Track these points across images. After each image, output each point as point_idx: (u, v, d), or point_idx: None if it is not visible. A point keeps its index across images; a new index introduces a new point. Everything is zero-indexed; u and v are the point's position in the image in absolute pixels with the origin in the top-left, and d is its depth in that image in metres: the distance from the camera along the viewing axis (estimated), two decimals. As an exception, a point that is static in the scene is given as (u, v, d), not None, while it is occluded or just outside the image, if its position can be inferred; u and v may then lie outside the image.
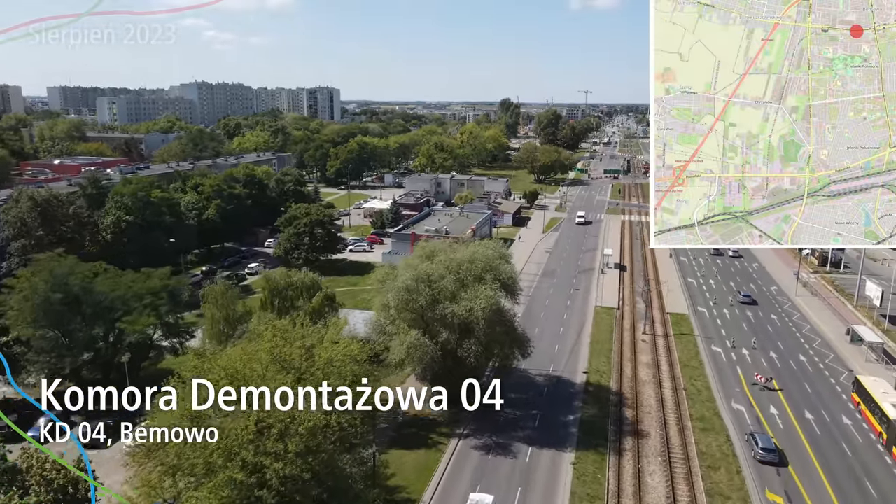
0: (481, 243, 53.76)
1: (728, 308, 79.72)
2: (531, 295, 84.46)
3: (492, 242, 54.41)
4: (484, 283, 48.14)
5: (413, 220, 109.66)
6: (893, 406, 47.51)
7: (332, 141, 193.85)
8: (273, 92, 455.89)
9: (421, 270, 48.48)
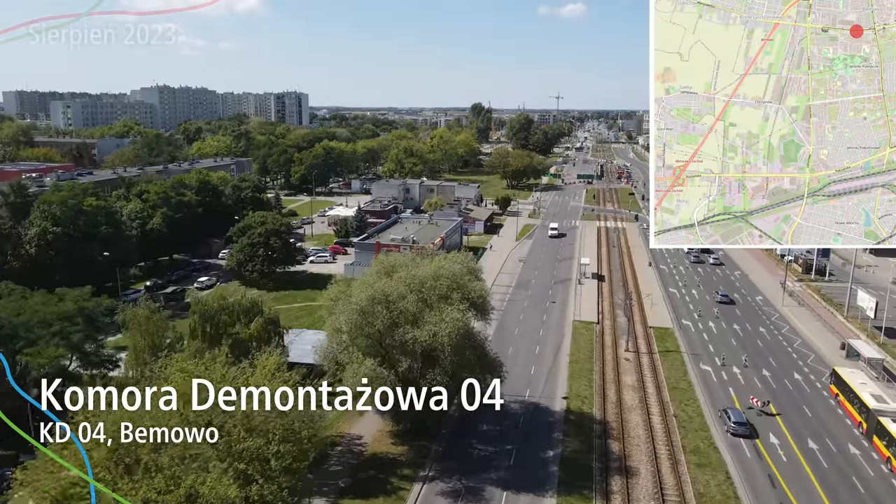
0: (448, 257, 47.57)
1: (714, 321, 74.72)
2: (504, 309, 78.58)
3: (460, 255, 48.24)
4: (450, 304, 41.92)
5: (378, 229, 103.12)
6: (872, 396, 48.86)
7: (297, 146, 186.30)
8: (240, 97, 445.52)
9: (378, 289, 42.06)
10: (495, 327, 71.77)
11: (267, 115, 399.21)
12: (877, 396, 49.38)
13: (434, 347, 40.60)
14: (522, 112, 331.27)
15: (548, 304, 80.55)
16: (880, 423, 45.87)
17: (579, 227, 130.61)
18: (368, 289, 42.22)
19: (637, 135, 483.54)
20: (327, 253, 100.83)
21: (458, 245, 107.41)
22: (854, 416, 50.22)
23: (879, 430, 46.11)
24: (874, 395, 49.55)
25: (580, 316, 75.43)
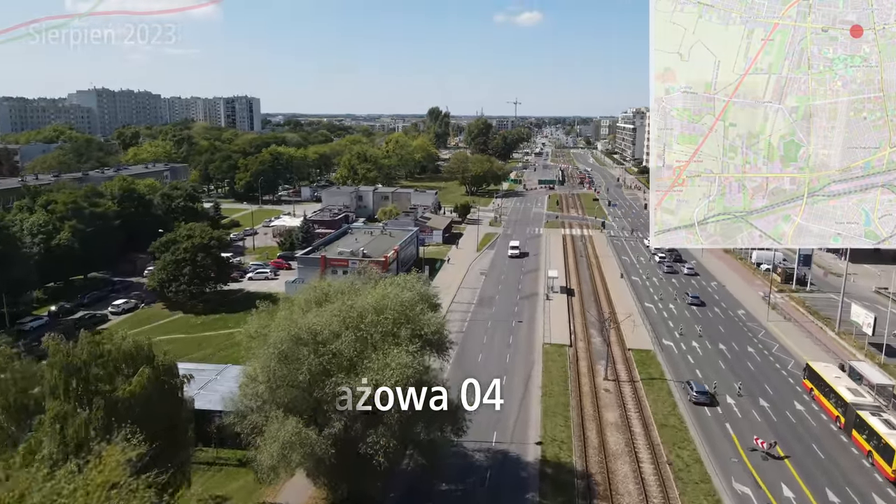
0: (395, 282, 38.48)
1: (697, 340, 67.44)
2: (466, 331, 69.90)
3: (410, 279, 39.20)
4: (398, 343, 32.81)
5: (325, 241, 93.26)
6: (848, 389, 48.76)
7: (242, 151, 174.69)
8: (188, 101, 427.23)
9: (303, 326, 32.72)
10: (456, 353, 62.94)
11: (216, 121, 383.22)
12: (853, 390, 49.16)
13: (377, 402, 31.37)
14: (481, 117, 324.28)
15: (514, 323, 72.14)
16: (859, 418, 45.54)
17: (543, 236, 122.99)
18: (292, 325, 32.80)
19: (595, 140, 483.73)
20: (268, 268, 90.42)
21: (413, 257, 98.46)
22: (831, 410, 50.16)
23: (859, 425, 45.70)
24: (850, 388, 49.29)
25: (551, 337, 67.18)
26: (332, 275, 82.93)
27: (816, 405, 52.26)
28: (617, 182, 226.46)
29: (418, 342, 33.73)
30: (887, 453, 42.17)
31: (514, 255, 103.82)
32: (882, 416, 45.01)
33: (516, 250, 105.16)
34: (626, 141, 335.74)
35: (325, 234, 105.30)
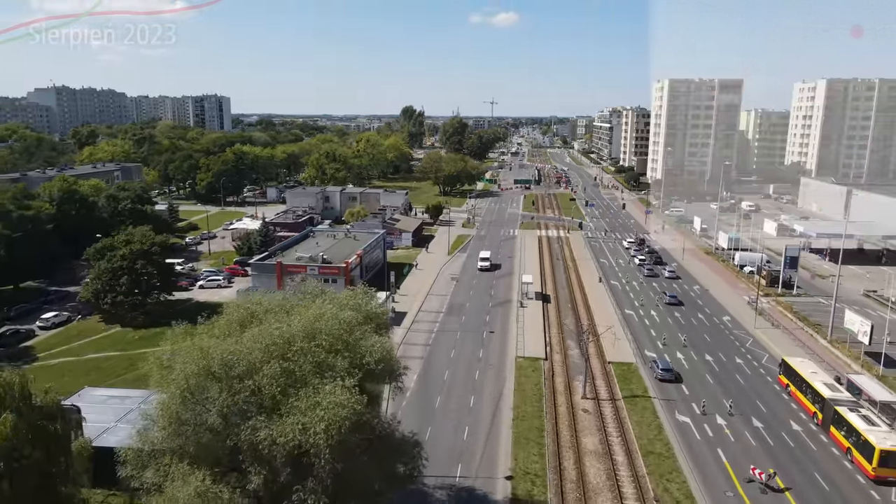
0: (335, 298, 32.62)
1: (682, 350, 62.44)
2: (432, 343, 64.10)
3: (355, 294, 33.38)
4: (333, 377, 26.85)
5: (283, 245, 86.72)
6: (825, 385, 48.10)
7: (206, 151, 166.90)
8: (156, 100, 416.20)
9: (217, 356, 26.60)
10: (420, 369, 57.39)
11: (185, 121, 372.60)
12: (830, 385, 48.29)
13: (306, 450, 25.43)
14: (456, 116, 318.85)
15: (485, 334, 66.50)
16: (838, 413, 44.52)
17: (518, 237, 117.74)
18: (201, 356, 26.66)
19: (572, 140, 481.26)
20: (221, 276, 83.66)
21: (380, 262, 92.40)
22: (808, 406, 49.16)
23: (837, 421, 44.59)
24: (827, 384, 48.48)
25: (524, 350, 61.67)
26: (291, 282, 76.86)
27: (794, 402, 51.14)
28: (594, 181, 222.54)
29: (359, 374, 27.80)
30: (867, 450, 40.64)
31: (485, 267, 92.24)
32: (860, 412, 43.94)
33: (486, 262, 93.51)
34: (602, 140, 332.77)
35: (287, 237, 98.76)
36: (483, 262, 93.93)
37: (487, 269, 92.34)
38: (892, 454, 39.72)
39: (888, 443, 40.11)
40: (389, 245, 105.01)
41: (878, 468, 39.77)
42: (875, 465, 39.77)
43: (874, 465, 39.77)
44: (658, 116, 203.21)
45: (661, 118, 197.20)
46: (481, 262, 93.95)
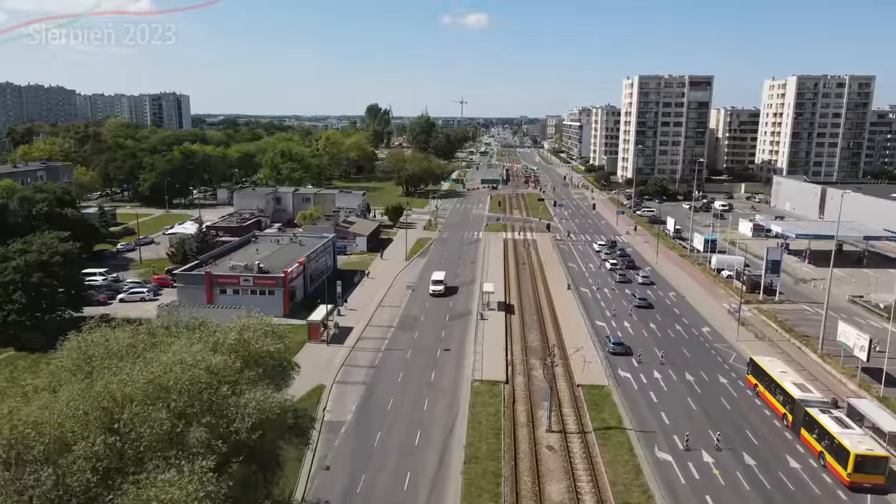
0: (211, 329, 24.61)
1: (659, 369, 55.46)
2: (378, 364, 56.14)
3: (244, 324, 25.42)
4: (184, 457, 18.80)
5: (217, 253, 77.85)
6: (795, 385, 45.95)
7: (153, 150, 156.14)
8: (111, 99, 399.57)
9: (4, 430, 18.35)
10: (361, 397, 49.50)
11: (143, 120, 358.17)
12: (800, 385, 45.99)
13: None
14: (423, 115, 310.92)
15: (439, 353, 58.72)
16: (808, 415, 42.09)
17: (482, 241, 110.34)
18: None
19: (542, 139, 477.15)
20: (145, 288, 74.40)
21: (328, 270, 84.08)
22: (777, 407, 46.89)
23: (808, 423, 42.16)
24: (797, 384, 46.20)
25: (482, 372, 54.04)
26: (221, 295, 68.20)
27: (760, 401, 49.10)
28: (564, 181, 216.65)
29: (223, 448, 19.78)
30: (841, 455, 37.87)
31: (437, 293, 75.84)
32: (833, 414, 41.42)
33: (440, 286, 76.58)
34: (572, 139, 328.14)
35: (230, 242, 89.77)
36: (435, 285, 76.96)
37: (440, 294, 75.78)
38: (868, 459, 37.14)
39: (863, 447, 37.55)
40: (342, 250, 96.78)
41: (854, 474, 37.11)
42: (850, 470, 37.07)
43: (849, 470, 37.08)
44: (628, 114, 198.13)
45: (632, 115, 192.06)
46: (433, 285, 77.00)
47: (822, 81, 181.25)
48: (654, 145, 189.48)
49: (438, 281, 78.03)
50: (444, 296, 75.77)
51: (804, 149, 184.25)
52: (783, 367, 50.04)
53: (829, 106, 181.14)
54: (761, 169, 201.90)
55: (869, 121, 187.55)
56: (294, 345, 59.57)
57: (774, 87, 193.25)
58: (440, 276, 79.21)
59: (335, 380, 52.56)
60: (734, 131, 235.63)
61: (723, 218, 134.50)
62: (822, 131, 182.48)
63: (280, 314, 66.65)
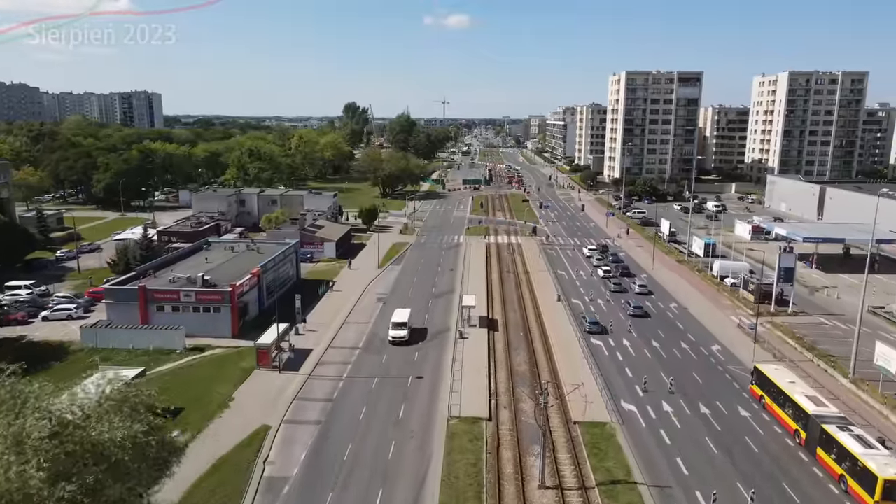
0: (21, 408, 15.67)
1: (668, 399, 47.24)
2: (337, 397, 47.33)
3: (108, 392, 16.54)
4: None
5: (159, 263, 68.36)
6: (808, 398, 41.44)
7: (111, 149, 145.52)
8: (80, 97, 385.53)
9: None
10: (314, 441, 40.64)
11: (112, 119, 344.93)
12: (813, 398, 41.65)
13: None
14: (403, 114, 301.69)
15: (410, 382, 50.01)
16: (826, 433, 37.78)
17: (463, 245, 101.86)
18: None
19: (525, 139, 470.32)
20: (74, 304, 64.71)
21: (291, 280, 75.08)
22: (787, 423, 42.45)
23: (825, 442, 37.82)
24: (810, 396, 41.97)
25: (461, 405, 45.40)
26: (158, 313, 58.87)
27: (768, 415, 44.50)
28: (549, 180, 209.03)
29: None
30: (866, 480, 33.72)
31: (398, 339, 57.23)
32: (852, 431, 37.30)
33: (401, 330, 57.71)
34: (556, 139, 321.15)
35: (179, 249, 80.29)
36: (396, 329, 57.91)
37: (401, 341, 57.11)
38: None
39: (892, 470, 33.31)
40: (308, 258, 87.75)
41: (883, 502, 32.81)
42: (878, 497, 32.95)
43: (877, 497, 32.97)
44: (615, 112, 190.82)
45: (619, 113, 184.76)
46: (393, 329, 57.93)
47: (814, 78, 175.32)
48: (641, 144, 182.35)
49: (400, 324, 58.35)
50: (408, 343, 57.12)
51: (796, 147, 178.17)
52: (792, 377, 45.38)
53: (822, 103, 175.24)
54: (751, 168, 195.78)
55: (862, 118, 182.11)
56: (240, 373, 50.79)
57: (765, 83, 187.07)
58: (402, 317, 59.49)
59: (283, 419, 43.60)
60: (722, 130, 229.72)
61: (716, 219, 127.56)
62: (814, 129, 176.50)
63: (227, 334, 57.73)
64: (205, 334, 56.93)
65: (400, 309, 62.40)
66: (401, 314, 60.38)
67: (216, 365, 52.15)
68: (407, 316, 59.97)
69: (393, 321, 59.00)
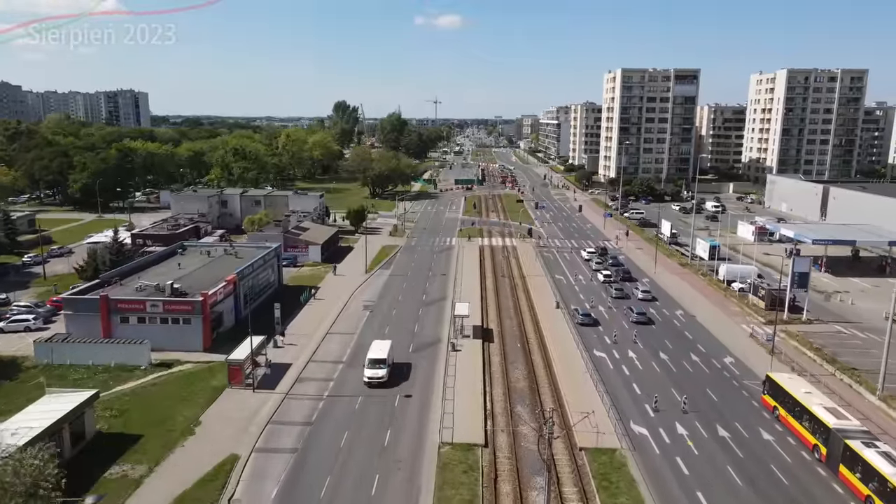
0: None
1: (682, 420, 42.82)
2: (316, 419, 42.63)
3: None
4: None
5: (126, 270, 63.36)
6: (828, 411, 38.29)
7: (89, 148, 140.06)
8: (65, 96, 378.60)
9: None
10: (287, 473, 35.91)
11: (98, 118, 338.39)
12: (832, 410, 38.78)
13: None
14: (394, 113, 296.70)
15: (397, 401, 45.35)
16: (850, 450, 34.75)
17: (456, 248, 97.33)
18: None
19: (518, 139, 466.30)
20: (32, 315, 59.62)
21: (272, 286, 70.35)
22: (804, 437, 39.67)
23: (849, 459, 34.79)
24: (829, 408, 39.06)
25: (453, 430, 40.78)
26: (123, 325, 53.93)
27: (781, 426, 41.77)
28: (543, 180, 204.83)
29: None
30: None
31: (375, 379, 46.82)
32: (879, 448, 34.42)
33: (380, 368, 47.37)
34: (550, 138, 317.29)
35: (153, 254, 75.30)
36: (373, 367, 47.34)
37: (379, 382, 46.75)
38: None
39: None
40: (292, 262, 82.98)
41: None
42: None
43: None
44: (610, 110, 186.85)
45: (614, 111, 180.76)
46: (370, 368, 47.37)
47: (812, 75, 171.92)
48: (637, 143, 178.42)
49: (377, 361, 47.56)
50: (387, 385, 46.60)
51: (795, 146, 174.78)
52: (807, 387, 42.52)
53: (821, 101, 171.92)
54: (748, 168, 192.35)
55: (862, 117, 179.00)
56: (209, 392, 45.99)
57: (762, 81, 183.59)
58: (381, 352, 48.67)
59: (255, 447, 38.84)
60: (718, 129, 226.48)
61: (716, 220, 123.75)
62: (813, 128, 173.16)
63: (199, 348, 52.89)
64: (174, 348, 52.08)
65: (378, 341, 51.70)
66: (379, 348, 49.81)
67: (184, 383, 47.32)
68: (386, 350, 49.27)
69: (369, 357, 48.39)
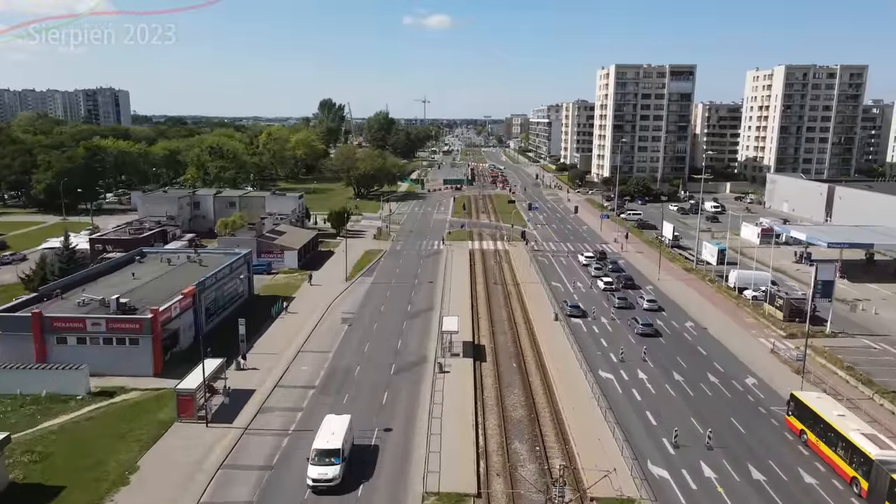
0: None
1: (708, 459, 36.61)
2: (277, 462, 35.96)
3: None
4: None
5: (78, 279, 56.37)
6: (866, 438, 33.53)
7: (57, 146, 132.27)
8: (43, 95, 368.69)
9: None
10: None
11: (77, 117, 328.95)
12: (873, 438, 33.50)
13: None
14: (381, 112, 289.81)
15: (375, 436, 38.76)
16: None
17: (444, 253, 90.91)
18: None
19: (507, 139, 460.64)
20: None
21: (240, 297, 63.57)
22: (839, 466, 34.38)
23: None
24: (868, 435, 33.87)
25: (440, 475, 34.28)
26: (59, 346, 46.98)
27: (808, 450, 37.25)
28: (535, 180, 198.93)
29: None
30: None
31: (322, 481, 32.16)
32: None
33: (330, 465, 32.59)
34: (540, 137, 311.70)
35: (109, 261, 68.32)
36: (321, 463, 32.65)
37: (327, 485, 32.19)
38: None
39: None
40: (266, 269, 76.24)
41: None
42: None
43: None
44: (604, 107, 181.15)
45: (608, 109, 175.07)
46: (316, 463, 32.66)
47: (811, 71, 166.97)
48: (632, 141, 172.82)
49: (327, 452, 33.05)
50: (339, 492, 32.09)
51: (793, 144, 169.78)
52: (840, 409, 37.85)
53: (820, 98, 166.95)
54: (745, 167, 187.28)
55: (861, 114, 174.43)
56: (154, 427, 39.21)
57: (759, 78, 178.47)
58: (333, 439, 33.98)
59: (201, 500, 32.20)
60: (713, 127, 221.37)
61: (717, 221, 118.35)
62: (811, 125, 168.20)
63: (148, 372, 46.07)
64: (119, 373, 45.29)
65: (331, 416, 37.00)
66: (329, 431, 34.79)
67: (125, 416, 40.49)
68: (342, 433, 34.40)
69: (316, 448, 33.28)
